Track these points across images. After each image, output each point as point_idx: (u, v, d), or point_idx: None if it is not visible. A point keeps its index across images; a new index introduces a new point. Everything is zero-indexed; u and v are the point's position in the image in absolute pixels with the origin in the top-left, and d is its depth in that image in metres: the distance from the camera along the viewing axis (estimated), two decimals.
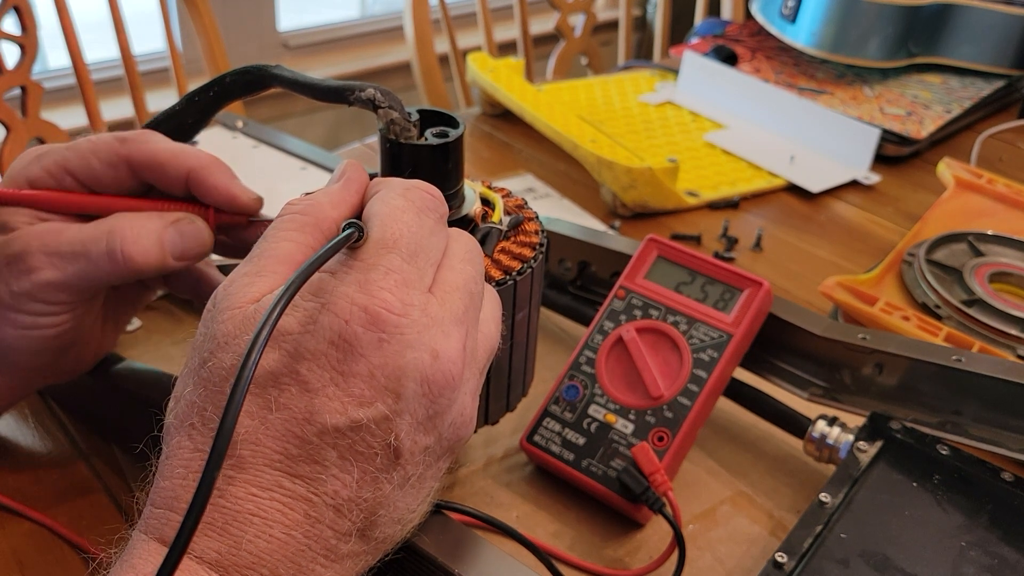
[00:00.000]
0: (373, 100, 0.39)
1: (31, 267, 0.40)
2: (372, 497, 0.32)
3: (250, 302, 0.32)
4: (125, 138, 0.42)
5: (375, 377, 0.31)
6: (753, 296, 0.51)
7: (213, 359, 0.31)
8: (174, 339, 0.61)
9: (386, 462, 0.32)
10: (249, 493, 0.30)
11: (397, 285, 0.32)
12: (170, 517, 0.30)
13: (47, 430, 0.53)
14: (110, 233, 0.40)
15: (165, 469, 0.31)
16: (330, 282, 0.32)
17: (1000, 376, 0.48)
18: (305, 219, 0.35)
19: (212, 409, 0.31)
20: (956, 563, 0.40)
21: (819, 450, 0.49)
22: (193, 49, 1.29)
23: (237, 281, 0.33)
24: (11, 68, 1.06)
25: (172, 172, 0.42)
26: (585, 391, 0.50)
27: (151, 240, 0.41)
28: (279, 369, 0.31)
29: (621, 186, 0.80)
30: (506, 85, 0.96)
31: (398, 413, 0.31)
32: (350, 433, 0.31)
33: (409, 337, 0.32)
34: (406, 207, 0.35)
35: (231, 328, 0.32)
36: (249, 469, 0.30)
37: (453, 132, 0.40)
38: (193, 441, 0.31)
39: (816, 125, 0.95)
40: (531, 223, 0.45)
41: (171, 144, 0.43)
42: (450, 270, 0.35)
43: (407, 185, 0.36)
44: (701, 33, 1.23)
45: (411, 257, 0.33)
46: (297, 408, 0.31)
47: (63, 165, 0.42)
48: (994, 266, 0.69)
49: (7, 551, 0.46)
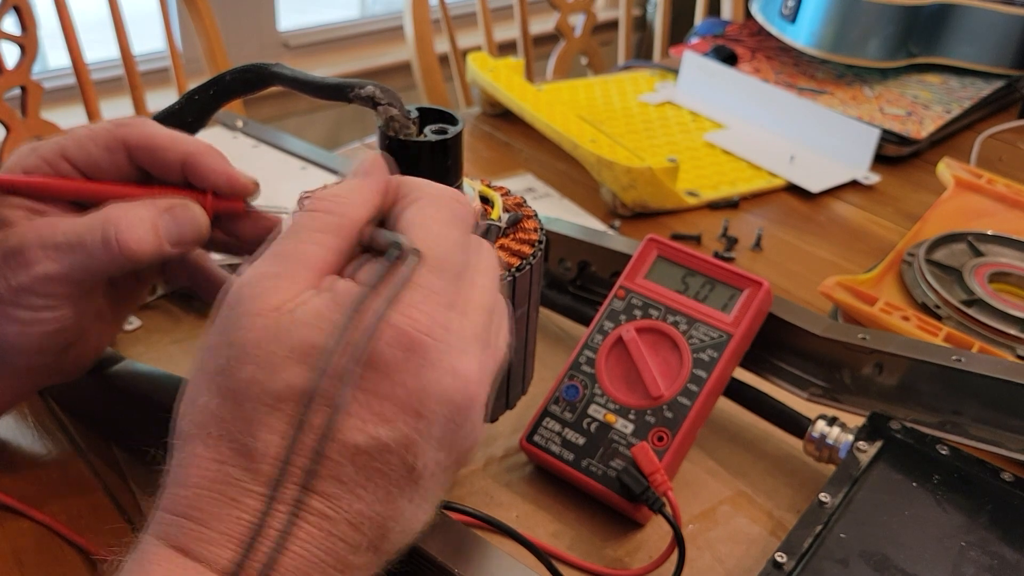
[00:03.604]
0: (373, 97, 0.39)
1: (28, 260, 0.40)
2: (386, 512, 0.32)
3: (273, 309, 0.31)
4: (122, 122, 0.42)
5: (400, 398, 0.31)
6: (753, 296, 0.51)
7: (234, 368, 0.31)
8: (173, 338, 0.61)
9: (403, 479, 0.32)
10: (272, 508, 0.30)
11: (429, 304, 0.32)
12: (185, 525, 0.30)
13: (47, 430, 0.53)
14: (105, 222, 0.40)
15: (181, 476, 0.31)
16: (360, 295, 0.32)
17: (1000, 376, 0.48)
18: (332, 219, 0.34)
19: (232, 420, 0.31)
20: (956, 563, 0.40)
21: (819, 450, 0.49)
22: (193, 49, 1.29)
23: (259, 281, 0.32)
24: (11, 68, 1.06)
25: (169, 156, 0.42)
26: (585, 391, 0.50)
27: (146, 227, 0.40)
28: (306, 386, 0.30)
29: (621, 186, 0.80)
30: (506, 85, 0.96)
31: (419, 433, 0.31)
32: (372, 452, 0.31)
33: (436, 359, 0.31)
34: (442, 219, 0.34)
35: (253, 337, 0.31)
36: (272, 485, 0.30)
37: (452, 129, 0.40)
38: (211, 451, 0.31)
39: (816, 125, 0.95)
40: (530, 221, 0.45)
41: (168, 130, 0.42)
42: (473, 286, 0.35)
43: (441, 193, 0.36)
44: (701, 33, 1.23)
45: (443, 273, 0.33)
46: (321, 426, 0.30)
47: (59, 152, 0.42)
48: (994, 266, 0.69)
49: (7, 551, 0.45)
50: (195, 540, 0.30)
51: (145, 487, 0.49)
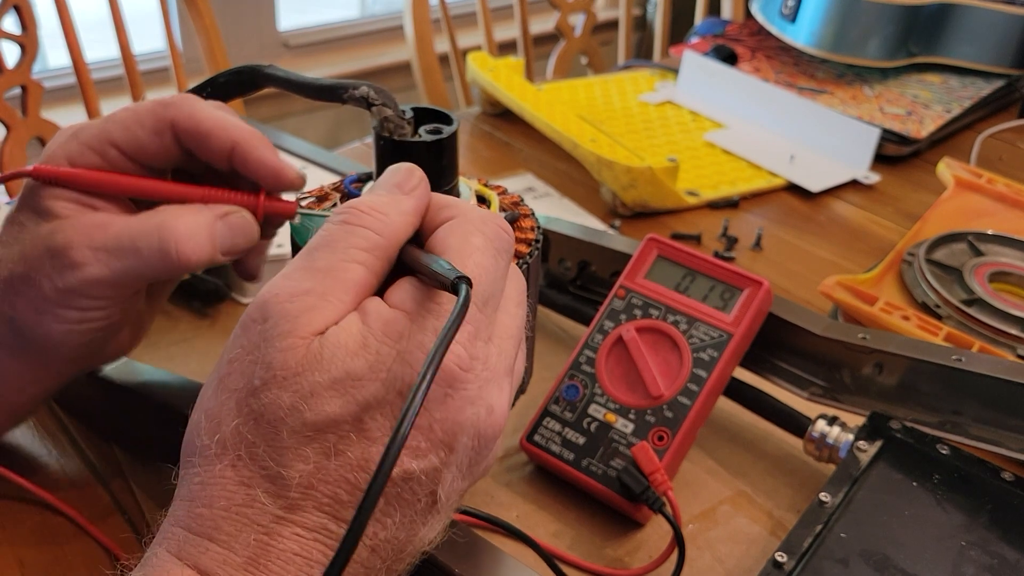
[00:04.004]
0: (367, 98, 0.39)
1: (76, 262, 0.38)
2: (405, 537, 0.32)
3: (314, 333, 0.30)
4: (168, 103, 0.40)
5: (433, 431, 0.31)
6: (753, 296, 0.51)
7: (267, 393, 0.30)
8: (173, 338, 0.61)
9: (426, 507, 0.32)
10: (294, 533, 0.30)
11: (469, 338, 0.31)
12: (207, 546, 0.30)
13: (47, 430, 0.53)
14: (161, 229, 0.38)
15: (203, 495, 0.30)
16: (405, 326, 0.31)
17: (1000, 376, 0.48)
18: (375, 238, 0.32)
19: (264, 448, 0.30)
20: (956, 562, 0.40)
21: (819, 450, 0.49)
22: (193, 48, 1.29)
23: (298, 299, 0.31)
24: (11, 67, 1.06)
25: (216, 143, 0.39)
26: (585, 391, 0.50)
27: (203, 236, 0.39)
28: (342, 416, 0.30)
29: (621, 185, 0.80)
30: (506, 84, 0.96)
31: (447, 465, 0.31)
32: (400, 483, 0.31)
33: (471, 392, 0.31)
34: (485, 247, 0.33)
35: (291, 363, 0.30)
36: (298, 511, 0.30)
37: (447, 129, 0.40)
38: (239, 474, 0.30)
39: (816, 125, 0.95)
40: (527, 219, 0.45)
41: (215, 112, 0.40)
42: (507, 314, 0.34)
43: (484, 219, 0.34)
44: (701, 32, 1.23)
45: (483, 305, 0.32)
46: (354, 456, 0.30)
47: (104, 138, 0.39)
48: (994, 266, 0.69)
49: (7, 551, 0.46)
50: (218, 563, 0.29)
51: (145, 487, 0.49)
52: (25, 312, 0.40)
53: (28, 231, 0.40)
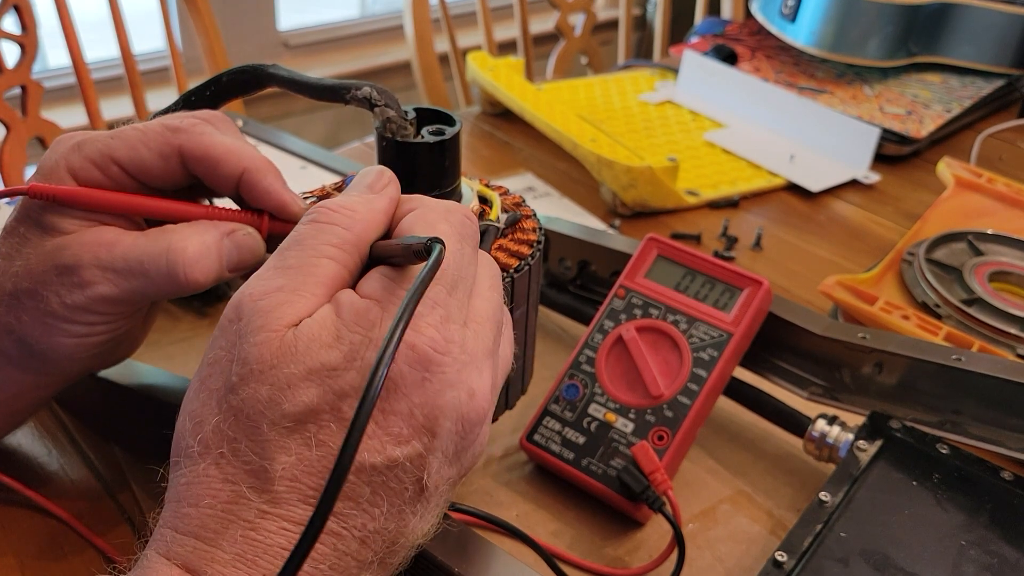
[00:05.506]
0: (369, 98, 0.39)
1: (84, 281, 0.38)
2: (395, 527, 0.32)
3: (287, 326, 0.31)
4: (178, 128, 0.39)
5: (414, 416, 0.31)
6: (753, 295, 0.51)
7: (245, 388, 0.30)
8: (173, 338, 0.61)
9: (413, 496, 0.32)
10: (281, 528, 0.30)
11: (441, 321, 0.32)
12: (195, 545, 0.30)
13: (47, 430, 0.53)
14: (170, 251, 0.38)
15: (189, 495, 0.31)
16: (376, 313, 0.31)
17: (1000, 375, 0.48)
18: (349, 236, 0.33)
19: (246, 443, 0.30)
20: (956, 562, 0.40)
21: (819, 449, 0.49)
22: (193, 48, 1.29)
23: (271, 295, 0.31)
24: (11, 67, 1.06)
25: (225, 170, 0.39)
26: (585, 390, 0.50)
27: (212, 258, 0.38)
28: (320, 406, 0.30)
29: (621, 185, 0.80)
30: (506, 84, 0.96)
31: (431, 451, 0.31)
32: (385, 471, 0.31)
33: (450, 376, 0.31)
34: (449, 234, 0.34)
35: (267, 356, 0.30)
36: (283, 504, 0.30)
37: (450, 130, 0.40)
38: (223, 472, 0.30)
39: (816, 124, 0.95)
40: (528, 221, 0.45)
41: (224, 139, 0.40)
42: (481, 299, 0.34)
43: (448, 208, 0.35)
44: (701, 32, 1.23)
45: (453, 289, 0.33)
46: (335, 445, 0.30)
47: (108, 155, 0.39)
48: (994, 265, 0.69)
49: (7, 551, 0.46)
50: (207, 561, 0.29)
51: (146, 487, 0.49)
52: (31, 326, 0.40)
53: (32, 245, 0.39)
